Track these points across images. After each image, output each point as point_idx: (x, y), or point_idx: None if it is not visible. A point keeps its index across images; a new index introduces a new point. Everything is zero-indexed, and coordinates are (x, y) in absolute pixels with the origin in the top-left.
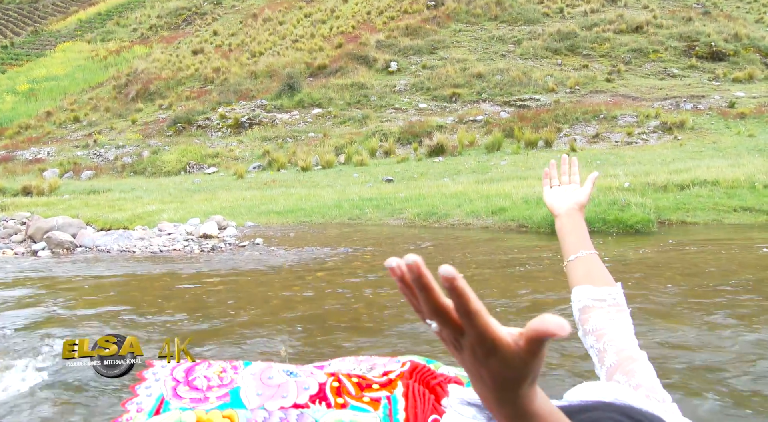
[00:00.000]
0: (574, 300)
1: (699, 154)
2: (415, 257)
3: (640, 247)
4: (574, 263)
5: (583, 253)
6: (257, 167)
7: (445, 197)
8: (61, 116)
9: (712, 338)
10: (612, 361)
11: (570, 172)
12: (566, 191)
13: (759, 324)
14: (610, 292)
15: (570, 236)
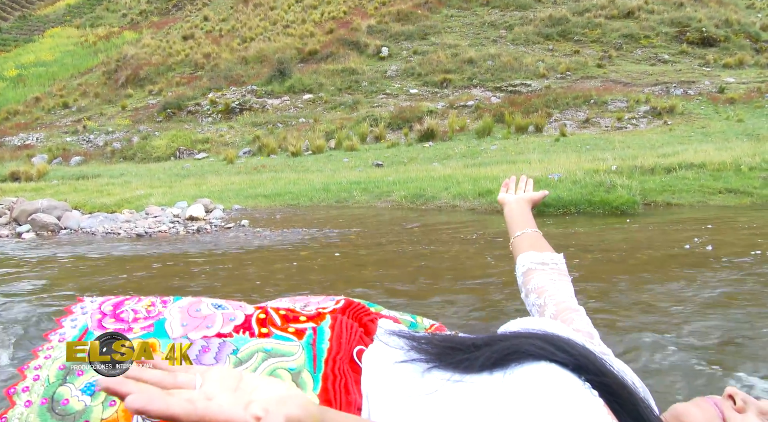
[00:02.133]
0: (518, 266)
1: (688, 139)
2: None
3: (611, 226)
4: (520, 237)
5: (529, 230)
6: (247, 153)
7: (432, 180)
8: (50, 101)
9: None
10: (552, 312)
11: (525, 187)
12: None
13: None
14: (552, 257)
15: (517, 218)
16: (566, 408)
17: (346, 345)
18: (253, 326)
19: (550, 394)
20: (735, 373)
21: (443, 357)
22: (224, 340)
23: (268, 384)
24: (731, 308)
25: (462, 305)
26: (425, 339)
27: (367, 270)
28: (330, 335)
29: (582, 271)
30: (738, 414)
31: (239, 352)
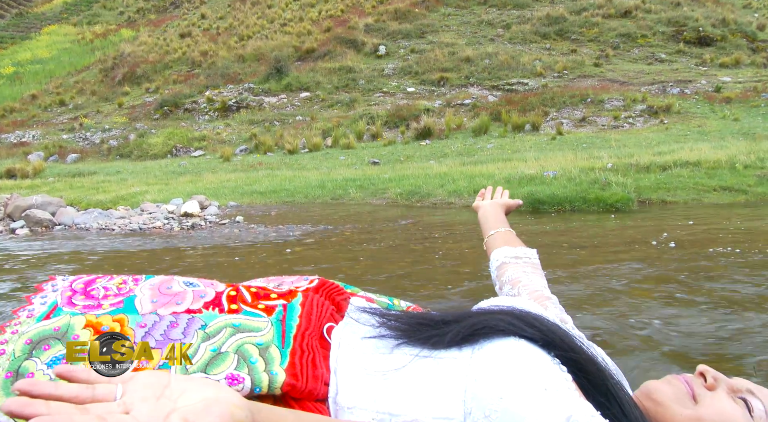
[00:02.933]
0: (492, 261)
1: (684, 137)
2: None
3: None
4: (493, 236)
5: (502, 229)
6: (244, 150)
7: (428, 178)
8: (47, 99)
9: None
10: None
11: (501, 196)
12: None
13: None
14: (525, 251)
15: (490, 219)
16: (533, 382)
17: (316, 322)
18: (223, 302)
19: (517, 368)
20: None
21: (412, 333)
22: (193, 316)
23: (198, 388)
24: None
25: (455, 300)
26: (395, 316)
27: (360, 265)
28: (300, 312)
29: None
30: (708, 392)
31: (207, 327)
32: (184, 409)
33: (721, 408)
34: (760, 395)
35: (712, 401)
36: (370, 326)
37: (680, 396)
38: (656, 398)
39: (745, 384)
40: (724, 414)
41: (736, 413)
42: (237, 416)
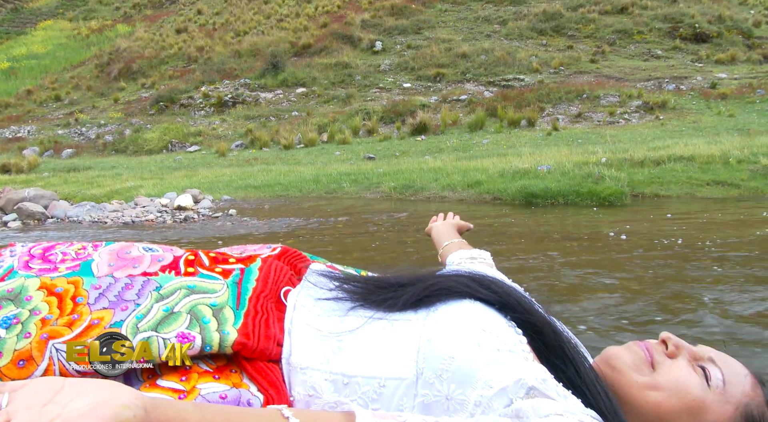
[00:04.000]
0: (448, 265)
1: (679, 133)
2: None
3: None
4: (448, 246)
5: (456, 240)
6: (239, 146)
7: (423, 172)
8: (42, 94)
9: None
10: None
11: (453, 219)
12: None
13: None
14: (480, 253)
15: (443, 233)
16: (485, 343)
17: (273, 285)
18: (180, 266)
19: (470, 329)
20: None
21: (368, 296)
22: (149, 278)
23: (93, 390)
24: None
25: None
26: (351, 279)
27: (351, 256)
28: (258, 275)
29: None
30: (667, 359)
31: (162, 289)
32: (67, 414)
33: (677, 376)
34: (721, 364)
35: (669, 369)
36: (327, 289)
37: (638, 362)
38: (614, 364)
39: (707, 353)
40: (679, 382)
41: (692, 381)
42: (122, 416)
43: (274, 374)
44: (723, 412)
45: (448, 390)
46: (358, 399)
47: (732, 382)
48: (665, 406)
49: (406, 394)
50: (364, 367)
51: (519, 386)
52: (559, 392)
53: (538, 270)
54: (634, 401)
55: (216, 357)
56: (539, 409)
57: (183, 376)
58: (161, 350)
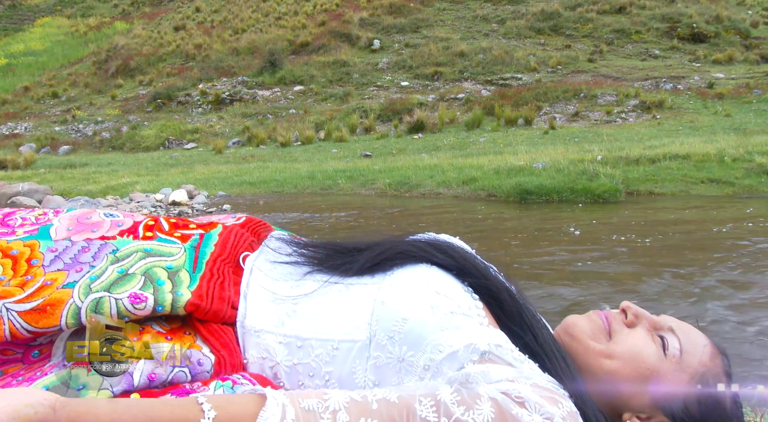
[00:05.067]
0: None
1: (675, 132)
2: None
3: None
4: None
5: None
6: (236, 143)
7: (418, 169)
8: (40, 91)
9: None
10: None
11: None
12: None
13: None
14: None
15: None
16: (439, 305)
17: (232, 250)
18: (139, 230)
19: (424, 292)
20: None
21: (325, 260)
22: (106, 242)
23: (1, 397)
24: None
25: None
26: (309, 244)
27: None
28: (217, 240)
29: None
30: (626, 328)
31: (118, 252)
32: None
33: (632, 344)
34: (680, 333)
35: (626, 337)
36: (285, 254)
37: (596, 331)
38: (572, 332)
39: (668, 322)
40: (634, 350)
41: (647, 349)
42: (22, 413)
43: (227, 336)
44: (678, 381)
45: (400, 351)
46: (312, 362)
47: (689, 352)
48: (620, 374)
49: (359, 356)
50: (318, 330)
51: (470, 351)
52: (515, 357)
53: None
54: (590, 369)
55: (171, 319)
56: (489, 375)
57: (135, 336)
58: (112, 310)
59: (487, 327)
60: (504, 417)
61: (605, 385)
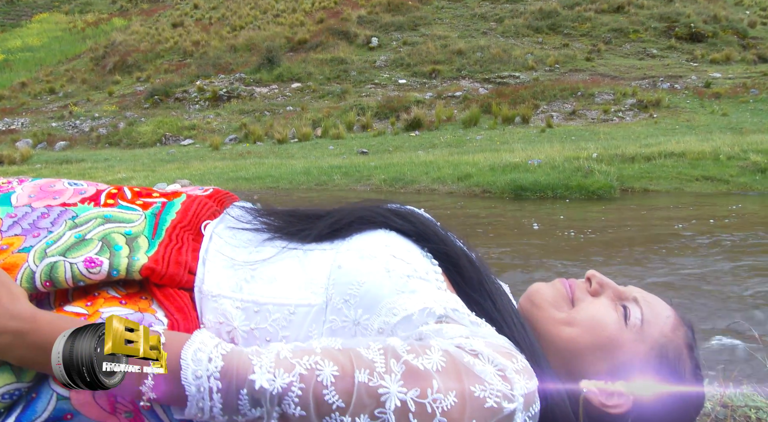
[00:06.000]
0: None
1: (672, 131)
2: None
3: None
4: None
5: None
6: (233, 140)
7: (414, 166)
8: (37, 87)
9: None
10: None
11: None
12: None
13: None
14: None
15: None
16: (395, 269)
17: (193, 217)
18: (101, 198)
19: (381, 256)
20: None
21: (284, 227)
22: (66, 208)
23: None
24: None
25: None
26: (269, 211)
27: None
28: (179, 208)
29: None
30: (589, 297)
31: (77, 218)
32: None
33: (593, 313)
34: (644, 304)
35: (587, 305)
36: (245, 221)
37: (558, 299)
38: (534, 299)
39: (634, 293)
40: (594, 319)
41: (608, 318)
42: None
43: (182, 300)
44: (636, 351)
45: (355, 315)
46: (269, 327)
47: (651, 322)
48: (578, 342)
49: (316, 321)
50: (275, 295)
51: (426, 314)
52: (472, 320)
53: None
54: (549, 336)
55: (128, 285)
56: (443, 333)
57: (89, 301)
58: (67, 274)
59: (444, 291)
60: (455, 366)
61: (564, 352)
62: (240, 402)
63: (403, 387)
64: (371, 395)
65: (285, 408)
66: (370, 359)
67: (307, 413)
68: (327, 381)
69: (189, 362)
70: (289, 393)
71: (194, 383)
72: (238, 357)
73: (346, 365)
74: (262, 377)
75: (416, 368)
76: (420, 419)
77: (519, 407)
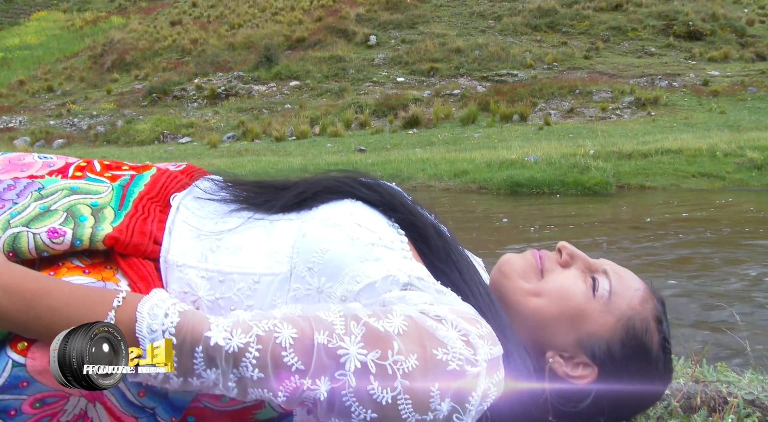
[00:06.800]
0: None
1: (670, 129)
2: None
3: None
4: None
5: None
6: (231, 137)
7: (411, 162)
8: (35, 85)
9: None
10: None
11: None
12: None
13: None
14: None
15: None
16: (360, 237)
17: (161, 189)
18: (69, 170)
19: (346, 224)
20: None
21: (251, 198)
22: (33, 181)
23: None
24: None
25: None
26: (236, 182)
27: None
28: (148, 181)
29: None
30: (559, 268)
31: (44, 190)
32: None
33: (561, 283)
34: (613, 276)
35: (556, 276)
36: (212, 192)
37: (527, 269)
38: (503, 269)
39: (604, 265)
40: (561, 289)
41: (575, 289)
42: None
43: (146, 269)
44: (603, 322)
45: (318, 283)
46: (233, 296)
47: (619, 294)
48: (545, 312)
49: (280, 289)
50: (240, 264)
51: (389, 282)
52: (438, 289)
53: None
54: (517, 306)
55: (94, 255)
56: (407, 299)
57: (52, 271)
58: (30, 244)
59: (410, 260)
60: (418, 330)
61: (530, 323)
62: (195, 360)
63: (363, 349)
64: (331, 356)
65: (242, 370)
66: (330, 322)
67: (265, 375)
68: (285, 343)
69: (144, 315)
70: (246, 354)
71: (148, 337)
72: (195, 315)
73: (305, 327)
74: (218, 334)
75: (377, 330)
76: (381, 381)
77: (482, 372)
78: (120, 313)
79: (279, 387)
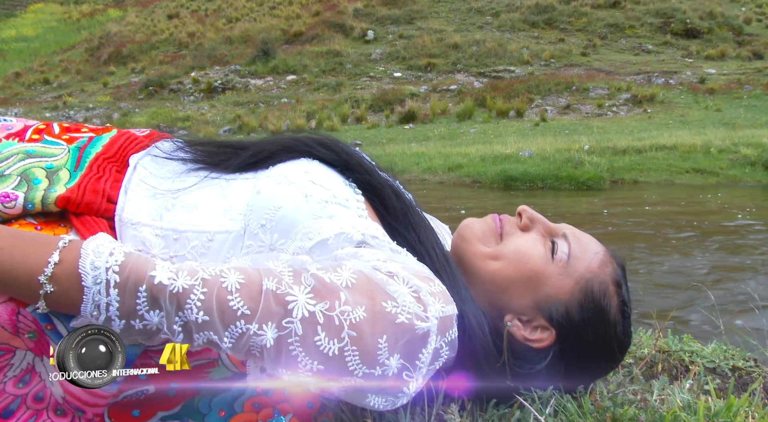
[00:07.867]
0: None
1: (665, 126)
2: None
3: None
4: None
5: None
6: (227, 131)
7: (405, 156)
8: (31, 77)
9: None
10: None
11: None
12: None
13: None
14: None
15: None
16: (314, 194)
17: (119, 150)
18: (27, 134)
19: (300, 182)
20: None
21: (208, 158)
22: None
23: None
24: None
25: None
26: (195, 142)
27: None
28: (105, 142)
29: None
30: (518, 231)
31: None
32: None
33: (520, 246)
34: (573, 240)
35: (515, 239)
36: (170, 152)
37: (487, 233)
38: (463, 233)
39: (564, 229)
40: (520, 252)
41: (534, 252)
42: None
43: (99, 226)
44: (561, 285)
45: (271, 239)
46: (187, 254)
47: (578, 257)
48: (502, 274)
49: (234, 247)
50: (195, 222)
51: (342, 239)
52: (393, 248)
53: None
54: (475, 270)
55: (49, 215)
56: (360, 256)
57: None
58: None
59: (365, 219)
60: (368, 283)
61: (488, 286)
62: (137, 301)
63: (312, 300)
64: (279, 302)
65: (187, 313)
66: (278, 271)
67: (210, 318)
68: (232, 287)
69: (89, 251)
70: (191, 296)
71: (91, 273)
72: (140, 257)
73: (253, 274)
74: (162, 274)
75: (325, 281)
76: (328, 331)
77: (433, 329)
78: (65, 252)
79: (224, 333)
